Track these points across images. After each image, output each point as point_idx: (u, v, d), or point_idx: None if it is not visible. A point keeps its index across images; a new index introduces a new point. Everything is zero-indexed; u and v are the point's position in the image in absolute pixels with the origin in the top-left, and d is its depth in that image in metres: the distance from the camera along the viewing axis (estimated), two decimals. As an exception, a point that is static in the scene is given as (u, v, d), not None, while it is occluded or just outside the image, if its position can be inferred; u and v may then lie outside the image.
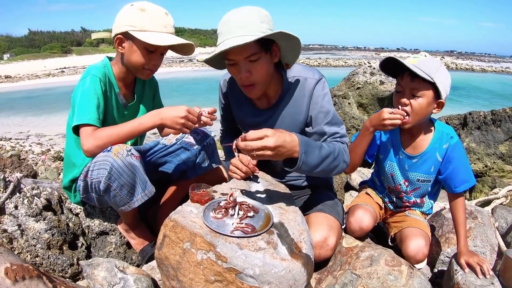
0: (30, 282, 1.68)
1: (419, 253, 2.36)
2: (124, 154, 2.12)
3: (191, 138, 2.60)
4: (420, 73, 2.18)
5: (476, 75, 56.90)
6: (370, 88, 6.74)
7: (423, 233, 2.46)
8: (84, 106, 2.22)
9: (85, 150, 2.15)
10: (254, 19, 2.11)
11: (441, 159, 2.42)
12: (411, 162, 2.48)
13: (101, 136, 2.15)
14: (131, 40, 2.33)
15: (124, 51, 2.38)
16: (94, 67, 2.40)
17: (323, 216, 2.43)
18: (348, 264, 2.18)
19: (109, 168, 2.08)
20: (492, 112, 5.37)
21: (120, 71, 2.47)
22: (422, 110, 2.28)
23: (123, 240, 2.71)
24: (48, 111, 22.99)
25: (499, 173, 5.05)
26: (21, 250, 2.35)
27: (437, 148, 2.42)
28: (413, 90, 2.26)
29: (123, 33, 2.33)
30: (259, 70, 2.19)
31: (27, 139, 16.94)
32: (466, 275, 2.14)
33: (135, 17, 2.30)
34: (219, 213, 2.04)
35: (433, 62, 2.26)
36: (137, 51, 2.34)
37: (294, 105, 2.46)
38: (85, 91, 2.26)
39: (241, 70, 2.17)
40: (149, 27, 2.30)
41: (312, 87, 2.40)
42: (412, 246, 2.38)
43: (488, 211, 3.08)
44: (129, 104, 2.57)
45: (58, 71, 48.92)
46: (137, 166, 2.17)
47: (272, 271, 1.76)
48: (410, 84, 2.26)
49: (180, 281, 1.90)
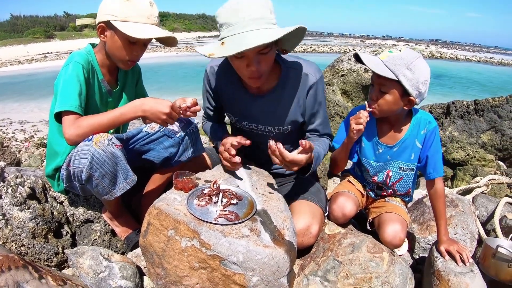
0: (16, 272, 1.68)
1: (396, 238, 2.40)
2: (105, 143, 2.11)
3: (174, 126, 2.58)
4: (380, 71, 2.22)
5: (460, 64, 57.08)
6: (355, 76, 6.75)
7: (401, 218, 2.50)
8: (66, 93, 2.20)
9: (66, 138, 2.15)
10: (264, 9, 2.05)
11: (420, 145, 2.45)
12: (392, 151, 2.51)
13: (83, 125, 2.14)
14: (113, 30, 2.29)
15: (106, 40, 2.35)
16: (77, 53, 2.36)
17: (306, 204, 2.46)
18: (331, 251, 2.21)
19: (90, 157, 2.08)
20: (475, 102, 5.43)
21: (103, 58, 2.45)
22: (388, 106, 2.33)
23: (107, 228, 2.71)
24: (31, 97, 22.65)
25: (480, 162, 5.11)
26: (6, 239, 2.34)
27: (415, 134, 2.45)
28: (380, 85, 2.30)
29: (105, 22, 2.30)
30: (268, 61, 2.17)
31: (10, 126, 16.71)
32: (446, 262, 2.18)
33: (118, 6, 2.26)
34: (203, 201, 2.06)
35: (404, 58, 2.22)
36: (118, 41, 2.30)
37: (290, 97, 2.45)
38: (67, 78, 2.24)
39: (251, 63, 2.11)
40: (132, 17, 2.26)
41: (312, 85, 2.41)
42: (389, 231, 2.42)
43: (469, 200, 3.13)
44: (113, 90, 2.56)
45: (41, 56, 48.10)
46: (119, 155, 2.16)
47: (256, 258, 1.79)
48: (377, 79, 2.31)
49: (164, 268, 1.92)
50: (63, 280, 1.87)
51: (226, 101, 2.65)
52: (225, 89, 2.59)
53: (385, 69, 2.21)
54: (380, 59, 2.26)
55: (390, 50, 2.31)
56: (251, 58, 2.09)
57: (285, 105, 2.47)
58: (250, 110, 2.53)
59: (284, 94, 2.45)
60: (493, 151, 5.28)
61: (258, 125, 2.57)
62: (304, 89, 2.42)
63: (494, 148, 5.28)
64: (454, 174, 5.00)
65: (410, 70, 2.20)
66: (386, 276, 2.04)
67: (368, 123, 2.43)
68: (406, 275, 2.11)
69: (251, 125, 2.59)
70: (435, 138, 2.42)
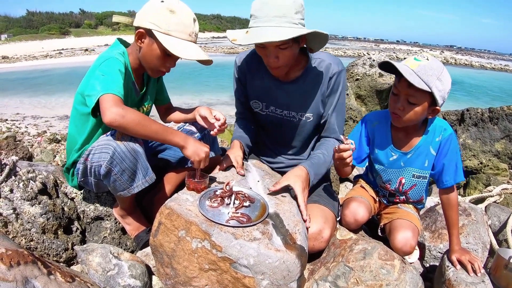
0: (25, 267, 1.68)
1: (406, 245, 2.37)
2: (128, 139, 2.12)
3: (192, 126, 2.61)
4: (417, 84, 2.09)
5: (475, 71, 56.71)
6: (369, 80, 6.73)
7: (412, 225, 2.47)
8: (110, 79, 2.11)
9: (110, 113, 1.98)
10: (290, 8, 2.17)
11: (434, 152, 2.40)
12: (405, 158, 2.46)
13: (133, 114, 2.05)
14: (153, 39, 2.28)
15: (143, 47, 2.33)
16: (113, 51, 2.34)
17: (318, 207, 2.44)
18: (342, 257, 2.19)
19: (112, 152, 2.08)
20: (490, 110, 5.39)
21: (135, 62, 2.43)
22: (416, 116, 2.24)
23: (118, 225, 2.71)
24: (45, 92, 22.83)
25: (493, 171, 5.06)
26: (15, 234, 2.35)
27: (429, 141, 2.40)
28: (409, 96, 2.18)
29: (146, 29, 2.28)
30: (286, 57, 2.28)
31: (23, 121, 16.86)
32: (457, 272, 2.16)
33: (163, 17, 2.25)
34: (215, 202, 2.05)
35: (434, 68, 2.14)
36: (156, 51, 2.30)
37: (313, 85, 2.55)
38: (110, 69, 2.18)
39: (270, 55, 2.28)
40: (174, 32, 2.26)
41: (334, 74, 2.51)
42: (400, 237, 2.39)
43: (481, 209, 3.09)
44: (140, 92, 2.56)
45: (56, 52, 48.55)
46: (140, 152, 2.17)
47: (266, 262, 1.78)
48: (406, 89, 2.17)
49: (174, 269, 1.91)
50: (72, 277, 1.87)
51: (254, 88, 2.72)
52: (253, 76, 2.69)
53: (420, 81, 2.10)
54: (411, 68, 2.13)
55: (416, 58, 2.19)
56: (270, 50, 2.27)
57: (308, 92, 2.56)
58: (277, 95, 2.62)
59: (308, 82, 2.54)
60: (506, 160, 5.23)
61: (283, 110, 2.65)
62: (326, 77, 2.52)
63: (507, 157, 5.23)
64: (467, 182, 4.95)
65: (440, 81, 2.13)
66: (397, 284, 2.02)
67: (382, 129, 2.41)
68: (417, 283, 2.08)
69: (277, 110, 2.67)
70: (451, 145, 2.36)
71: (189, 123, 2.66)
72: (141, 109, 2.60)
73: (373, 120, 2.52)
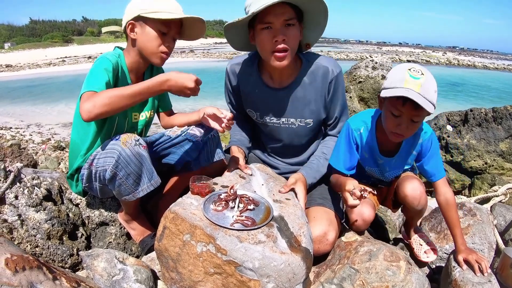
0: (30, 272, 1.68)
1: (415, 190, 2.41)
2: (133, 143, 2.13)
3: (196, 130, 2.61)
4: (429, 109, 2.07)
5: (478, 71, 56.59)
6: (372, 83, 6.73)
7: (417, 177, 2.54)
8: (91, 79, 2.13)
9: (82, 111, 1.98)
10: None
11: (416, 152, 2.47)
12: (391, 163, 2.52)
13: (101, 95, 2.00)
14: (144, 22, 2.31)
15: (137, 37, 2.35)
16: (108, 53, 2.37)
17: (323, 210, 2.43)
18: (347, 259, 2.18)
19: (117, 156, 2.09)
20: (494, 110, 5.37)
21: (132, 61, 2.44)
22: (415, 130, 2.28)
23: (123, 231, 2.71)
24: (48, 100, 22.89)
25: (498, 171, 5.05)
26: (21, 240, 2.35)
27: (410, 144, 2.44)
28: (414, 116, 2.16)
29: (134, 18, 2.31)
30: (293, 36, 2.29)
31: (27, 128, 16.88)
32: (463, 272, 2.15)
33: (146, 1, 2.30)
34: (219, 206, 2.05)
35: (431, 83, 2.12)
36: (150, 32, 2.31)
37: (310, 89, 2.53)
38: (94, 68, 2.20)
39: (278, 32, 2.23)
40: (161, 9, 2.28)
41: (333, 78, 2.50)
42: (408, 186, 2.43)
43: (487, 209, 3.08)
44: None
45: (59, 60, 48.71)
46: (145, 156, 2.18)
47: (272, 264, 1.77)
48: (412, 111, 2.13)
49: (179, 273, 1.91)
50: (77, 282, 1.88)
51: (247, 97, 2.70)
52: (246, 85, 2.66)
53: (428, 103, 2.07)
54: (416, 92, 2.07)
55: (413, 76, 2.11)
56: (278, 28, 2.24)
57: (305, 97, 2.54)
58: (272, 104, 2.60)
59: (305, 85, 2.52)
60: (511, 159, 5.20)
61: (281, 118, 2.62)
62: (325, 81, 2.50)
63: (512, 156, 5.21)
64: (472, 182, 4.94)
65: (436, 93, 2.13)
66: (403, 285, 2.01)
67: (369, 136, 2.47)
68: (423, 284, 2.07)
69: (273, 119, 2.64)
70: (432, 144, 2.42)
71: (193, 126, 2.65)
72: (142, 115, 2.60)
73: (359, 127, 2.50)
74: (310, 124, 2.61)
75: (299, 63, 2.54)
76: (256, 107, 2.68)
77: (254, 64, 2.60)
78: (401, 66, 2.21)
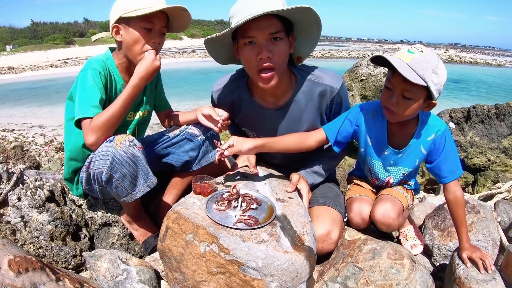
0: (34, 274, 1.68)
1: (384, 216, 2.31)
2: (127, 144, 2.12)
3: (195, 130, 2.60)
4: (413, 79, 1.98)
5: (480, 68, 56.41)
6: (374, 80, 6.72)
7: (393, 198, 2.42)
8: (84, 100, 2.20)
9: (88, 145, 2.15)
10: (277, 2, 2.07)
11: (425, 151, 2.36)
12: (397, 157, 2.44)
13: (97, 124, 2.12)
14: (126, 23, 2.30)
15: (123, 38, 2.35)
16: (95, 60, 2.37)
17: (325, 209, 2.43)
18: (351, 257, 2.18)
19: (111, 158, 2.09)
20: (496, 106, 5.35)
21: (122, 62, 2.44)
22: (411, 112, 2.16)
23: (126, 231, 2.71)
24: (51, 102, 22.90)
25: (502, 168, 5.04)
26: (24, 241, 2.36)
27: (420, 140, 2.35)
28: (404, 91, 2.08)
29: (117, 21, 2.31)
30: (281, 52, 2.14)
31: (30, 130, 16.90)
32: (467, 270, 2.14)
33: (125, 2, 2.29)
34: (222, 205, 2.05)
35: (429, 61, 2.04)
36: (135, 32, 2.29)
37: (308, 109, 2.46)
38: (85, 86, 2.24)
39: (262, 48, 2.09)
40: (140, 6, 2.26)
41: (336, 92, 2.42)
42: (378, 210, 2.35)
43: (490, 206, 3.07)
44: None
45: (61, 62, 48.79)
46: (139, 156, 2.17)
47: (275, 264, 1.77)
48: (401, 84, 2.06)
49: (182, 273, 1.91)
50: (80, 283, 1.88)
51: (241, 117, 2.64)
52: (237, 106, 2.58)
53: (415, 75, 2.00)
54: (405, 62, 2.03)
55: (410, 50, 2.07)
56: (262, 43, 2.09)
57: (303, 117, 2.47)
58: (267, 124, 2.54)
59: (301, 105, 2.44)
60: (514, 156, 5.19)
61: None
62: (325, 100, 2.42)
63: (515, 153, 5.19)
64: (475, 179, 4.93)
65: (436, 74, 2.04)
66: (407, 283, 2.00)
67: (379, 123, 2.37)
68: (427, 282, 2.07)
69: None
70: (446, 141, 2.31)
71: (192, 125, 2.64)
72: (138, 114, 2.60)
73: (370, 111, 2.43)
74: None
75: (294, 79, 2.42)
76: (252, 127, 2.65)
77: (242, 84, 2.50)
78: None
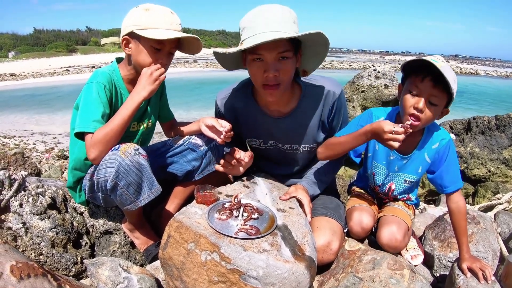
0: (35, 280, 1.69)
1: (391, 240, 2.35)
2: (132, 153, 2.13)
3: (198, 140, 2.62)
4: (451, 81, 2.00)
5: (481, 79, 56.45)
6: (375, 92, 6.74)
7: (397, 219, 2.45)
8: (87, 113, 2.21)
9: (91, 159, 2.17)
10: (288, 18, 2.12)
11: (429, 160, 2.39)
12: (401, 163, 2.46)
13: (98, 139, 2.13)
14: (137, 39, 2.30)
15: (131, 52, 2.36)
16: (100, 73, 2.38)
17: (326, 220, 2.43)
18: (351, 267, 2.18)
19: (117, 166, 2.10)
20: (496, 117, 5.37)
21: (128, 73, 2.46)
22: (434, 117, 2.16)
23: (127, 239, 2.72)
24: (52, 109, 22.95)
25: (502, 179, 5.04)
26: (25, 248, 2.36)
27: (425, 148, 2.38)
28: (432, 97, 2.09)
29: (129, 34, 2.32)
30: (286, 70, 2.17)
31: (31, 137, 16.92)
32: (467, 280, 2.14)
33: (140, 16, 2.29)
34: (224, 215, 2.06)
35: (453, 73, 2.06)
36: (144, 50, 2.31)
37: (312, 116, 2.49)
38: (89, 99, 2.25)
39: (269, 67, 2.12)
40: (155, 25, 2.27)
41: (336, 98, 2.45)
42: (384, 233, 2.38)
43: (490, 217, 3.07)
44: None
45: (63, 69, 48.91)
46: (144, 165, 2.18)
47: (276, 273, 1.77)
48: (430, 89, 2.07)
49: (183, 282, 1.91)
50: (82, 291, 1.88)
51: (247, 126, 2.66)
52: (243, 114, 2.60)
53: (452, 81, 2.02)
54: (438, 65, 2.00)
55: (434, 60, 2.03)
56: (269, 62, 2.12)
57: (308, 125, 2.51)
58: (274, 132, 2.57)
59: (306, 112, 2.47)
60: (515, 167, 5.20)
61: (284, 144, 2.61)
62: (327, 105, 2.45)
63: (516, 164, 5.20)
64: (475, 190, 4.93)
65: (456, 83, 2.06)
66: (407, 293, 2.01)
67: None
68: (427, 293, 2.07)
69: (278, 144, 2.63)
70: (450, 151, 2.35)
71: (195, 135, 2.66)
72: (142, 125, 2.61)
73: (380, 116, 2.45)
74: (315, 147, 2.61)
75: (297, 88, 2.47)
76: (258, 135, 2.66)
77: (248, 93, 2.54)
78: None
